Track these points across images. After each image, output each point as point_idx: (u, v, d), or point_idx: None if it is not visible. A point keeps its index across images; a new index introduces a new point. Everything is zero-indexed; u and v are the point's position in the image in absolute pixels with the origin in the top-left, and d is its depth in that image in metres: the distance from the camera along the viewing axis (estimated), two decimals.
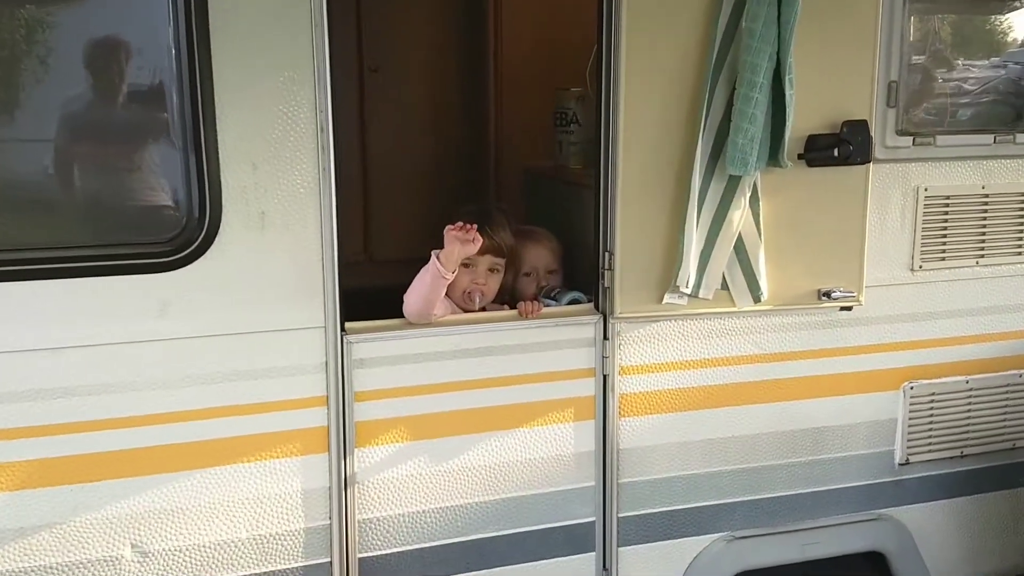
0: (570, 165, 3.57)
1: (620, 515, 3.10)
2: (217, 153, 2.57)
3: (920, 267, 3.29)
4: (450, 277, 2.78)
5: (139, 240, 2.62)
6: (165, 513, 2.66)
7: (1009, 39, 3.38)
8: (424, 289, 2.79)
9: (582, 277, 3.37)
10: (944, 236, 3.31)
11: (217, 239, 2.60)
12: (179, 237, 2.60)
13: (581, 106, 3.47)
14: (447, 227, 2.80)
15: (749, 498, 3.24)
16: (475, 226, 2.80)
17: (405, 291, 2.90)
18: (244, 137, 2.58)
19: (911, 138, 3.18)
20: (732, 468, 3.20)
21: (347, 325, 2.79)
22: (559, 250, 3.37)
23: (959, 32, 3.34)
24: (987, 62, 3.36)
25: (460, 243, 2.76)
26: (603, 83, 2.88)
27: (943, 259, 3.32)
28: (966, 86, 3.30)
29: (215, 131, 2.55)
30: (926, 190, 3.25)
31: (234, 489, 2.72)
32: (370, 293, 2.95)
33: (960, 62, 3.32)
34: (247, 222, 2.62)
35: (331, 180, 2.68)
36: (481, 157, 4.66)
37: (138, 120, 2.64)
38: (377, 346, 2.81)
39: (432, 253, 2.81)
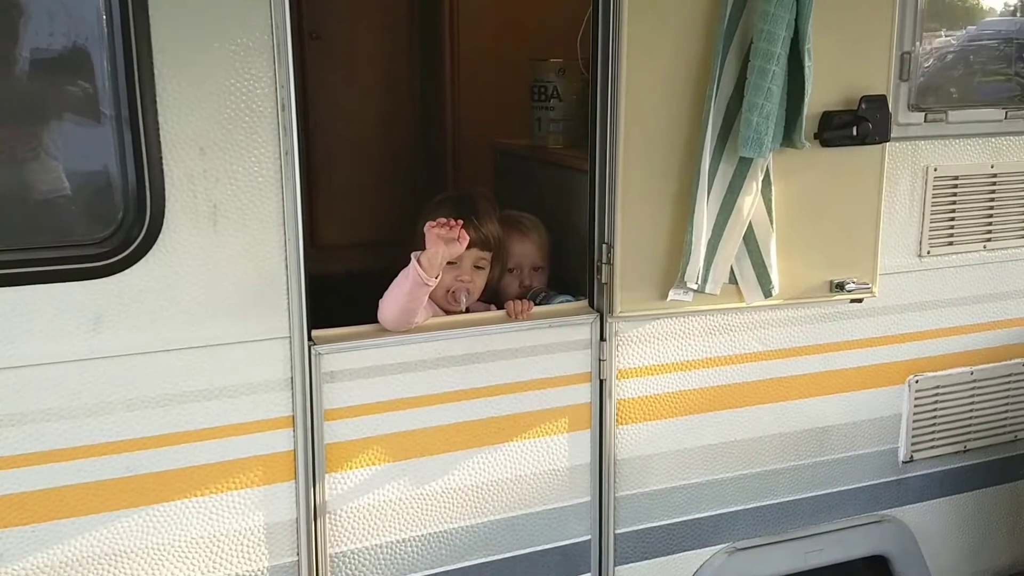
0: (549, 144, 3.24)
1: (617, 531, 2.82)
2: (158, 135, 2.18)
3: (928, 253, 3.07)
4: (433, 283, 2.43)
5: (66, 241, 2.21)
6: (106, 558, 2.29)
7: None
8: (403, 297, 2.43)
9: (565, 269, 3.07)
10: (952, 219, 3.09)
11: (160, 238, 2.22)
12: (114, 237, 2.20)
13: (562, 79, 3.14)
14: (427, 224, 2.44)
15: (752, 505, 3.00)
16: (460, 223, 2.44)
17: (352, 279, 2.53)
18: (190, 116, 2.20)
19: (923, 114, 2.94)
20: (735, 475, 2.95)
21: (314, 334, 2.43)
22: (547, 244, 3.05)
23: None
24: (1000, 32, 3.13)
25: (444, 243, 2.41)
26: (600, 52, 2.55)
27: (951, 243, 3.11)
28: (978, 57, 3.07)
29: (155, 109, 2.16)
30: (935, 170, 3.02)
31: (187, 527, 2.36)
32: (314, 282, 2.55)
33: (973, 31, 3.08)
34: (195, 217, 2.24)
35: (294, 166, 2.31)
36: (436, 134, 4.29)
37: (62, 96, 2.20)
38: (349, 357, 2.46)
39: (412, 256, 2.44)
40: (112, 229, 2.20)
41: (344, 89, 4.21)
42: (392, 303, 2.45)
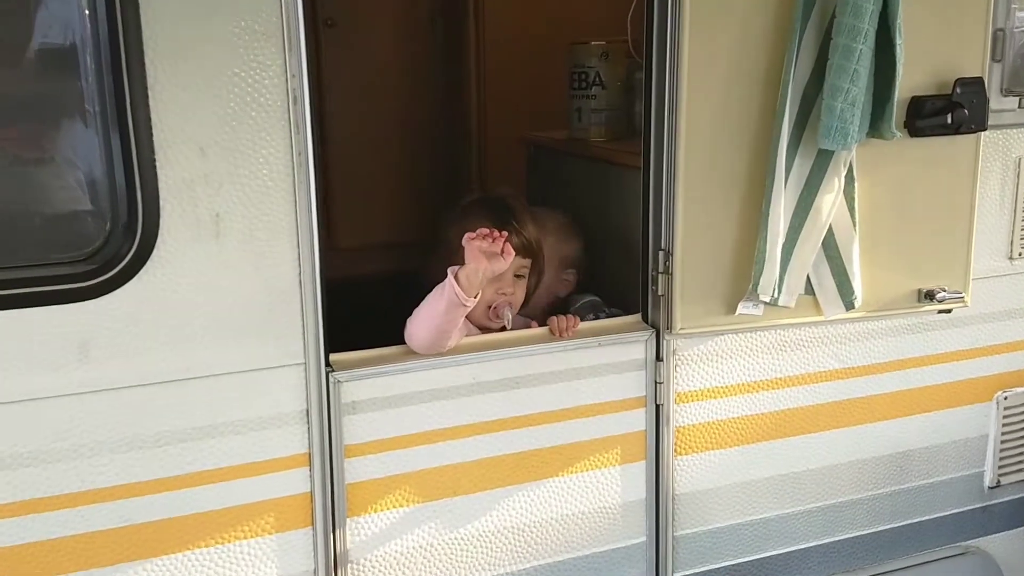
0: (590, 137, 2.92)
1: (676, 575, 2.51)
2: (150, 135, 1.89)
3: (1020, 255, 2.75)
4: (472, 303, 2.13)
5: (46, 259, 1.92)
6: None
7: None
8: (437, 318, 2.13)
9: (605, 277, 2.76)
10: None
11: (154, 253, 1.93)
12: (101, 252, 1.92)
13: (605, 64, 2.82)
14: (466, 236, 2.13)
15: (824, 541, 2.70)
16: (505, 235, 2.13)
17: (371, 283, 2.21)
18: (187, 113, 1.91)
19: (1017, 99, 2.61)
20: (806, 508, 2.65)
21: (333, 358, 2.13)
22: (573, 244, 2.74)
23: None
24: None
25: (487, 258, 2.10)
26: (656, 31, 2.23)
27: None
28: None
29: (147, 105, 1.87)
30: None
31: None
32: (333, 287, 2.26)
33: None
34: (196, 228, 1.95)
35: (308, 168, 2.01)
36: (462, 127, 3.98)
37: (36, 92, 1.93)
38: (372, 384, 2.16)
39: (448, 271, 2.14)
40: (98, 244, 1.93)
41: (362, 80, 3.90)
42: (424, 324, 2.14)
